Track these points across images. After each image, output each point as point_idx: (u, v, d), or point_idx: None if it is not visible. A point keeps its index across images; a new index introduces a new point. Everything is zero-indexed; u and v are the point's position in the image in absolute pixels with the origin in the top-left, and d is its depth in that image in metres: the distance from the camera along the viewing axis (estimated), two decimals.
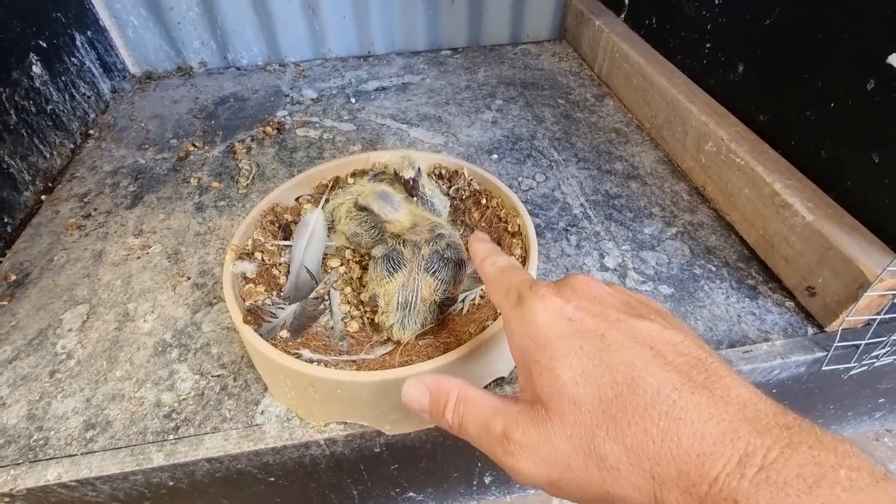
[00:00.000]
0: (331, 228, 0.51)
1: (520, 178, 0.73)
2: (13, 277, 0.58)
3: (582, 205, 0.68)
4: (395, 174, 0.50)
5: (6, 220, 0.63)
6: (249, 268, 0.47)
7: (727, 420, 0.19)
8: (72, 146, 0.78)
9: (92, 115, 0.85)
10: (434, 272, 0.44)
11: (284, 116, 0.87)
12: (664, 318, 0.25)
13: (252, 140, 0.81)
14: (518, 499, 0.74)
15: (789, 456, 0.18)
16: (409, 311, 0.43)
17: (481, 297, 0.45)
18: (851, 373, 0.50)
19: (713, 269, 0.59)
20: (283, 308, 0.45)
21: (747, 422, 0.19)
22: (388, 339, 0.44)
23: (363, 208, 0.45)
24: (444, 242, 0.45)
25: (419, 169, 0.49)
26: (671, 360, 0.21)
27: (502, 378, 0.48)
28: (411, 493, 0.61)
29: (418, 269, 0.44)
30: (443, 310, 0.45)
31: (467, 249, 0.41)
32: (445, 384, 0.27)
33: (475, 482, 0.63)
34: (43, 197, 0.70)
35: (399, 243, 0.45)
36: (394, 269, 0.44)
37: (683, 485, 0.19)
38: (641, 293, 0.56)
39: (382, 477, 0.54)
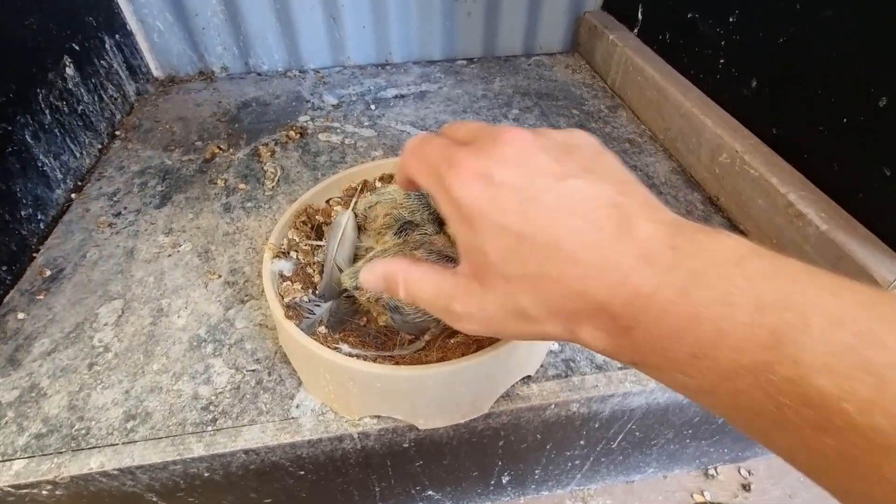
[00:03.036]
0: (360, 228, 0.53)
1: None
2: (48, 272, 0.60)
3: None
4: None
5: (39, 216, 0.65)
6: (287, 266, 0.49)
7: (625, 264, 0.22)
8: (99, 146, 0.80)
9: (118, 117, 0.87)
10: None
11: (306, 121, 0.89)
12: (592, 161, 0.26)
13: (276, 144, 0.83)
14: (532, 500, 0.76)
15: (668, 284, 0.21)
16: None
17: None
18: None
19: None
20: (319, 305, 0.47)
21: (643, 258, 0.22)
22: (419, 337, 0.46)
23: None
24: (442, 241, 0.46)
25: None
26: (589, 218, 0.24)
27: (529, 376, 0.49)
28: (430, 492, 0.63)
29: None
30: None
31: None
32: (392, 269, 0.30)
33: (493, 482, 0.64)
34: (73, 195, 0.72)
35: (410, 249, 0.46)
36: None
37: (593, 322, 0.23)
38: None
39: (406, 474, 0.56)
